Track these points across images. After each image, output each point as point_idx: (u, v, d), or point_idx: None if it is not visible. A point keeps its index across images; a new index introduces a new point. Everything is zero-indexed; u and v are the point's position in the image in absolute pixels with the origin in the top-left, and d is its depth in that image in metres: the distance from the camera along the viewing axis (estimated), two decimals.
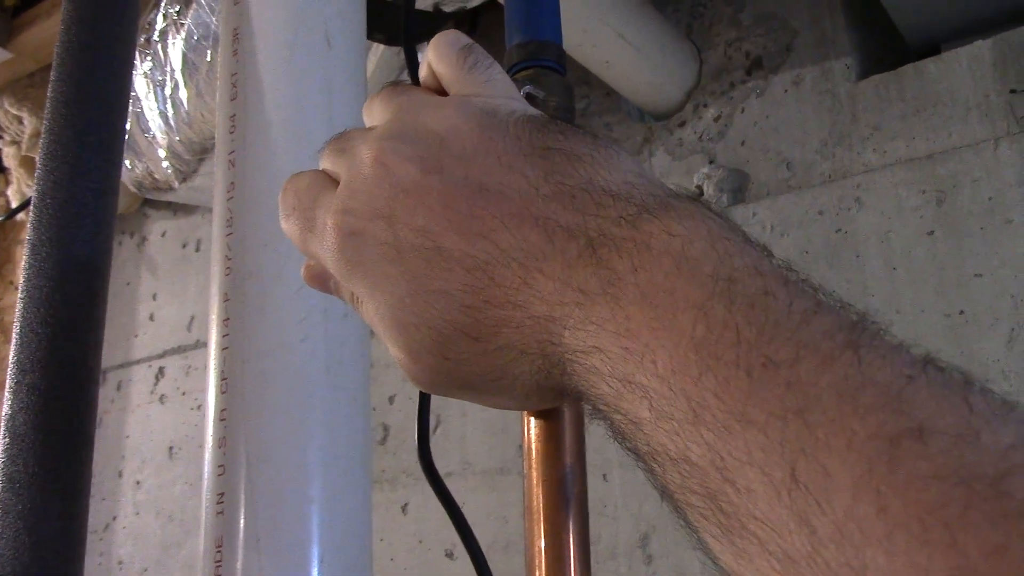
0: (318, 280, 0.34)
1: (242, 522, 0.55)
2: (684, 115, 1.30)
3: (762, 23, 1.27)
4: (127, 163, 1.54)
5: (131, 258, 1.97)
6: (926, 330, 1.03)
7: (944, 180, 1.06)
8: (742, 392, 0.21)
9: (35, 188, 0.63)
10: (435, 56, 0.34)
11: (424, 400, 0.50)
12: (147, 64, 1.41)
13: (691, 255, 0.24)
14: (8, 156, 1.96)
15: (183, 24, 1.33)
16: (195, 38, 1.31)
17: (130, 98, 0.68)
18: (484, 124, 0.29)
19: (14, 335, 0.59)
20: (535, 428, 0.33)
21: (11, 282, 2.13)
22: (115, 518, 1.84)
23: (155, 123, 1.45)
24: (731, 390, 0.21)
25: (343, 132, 0.33)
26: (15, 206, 1.96)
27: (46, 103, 0.65)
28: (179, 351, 1.82)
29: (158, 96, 1.42)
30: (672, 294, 0.23)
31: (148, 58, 1.40)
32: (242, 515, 0.55)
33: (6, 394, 0.58)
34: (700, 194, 1.10)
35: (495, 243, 0.27)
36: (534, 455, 0.33)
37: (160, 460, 1.79)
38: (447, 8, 1.17)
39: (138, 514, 1.80)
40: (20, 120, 1.90)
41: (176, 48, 1.35)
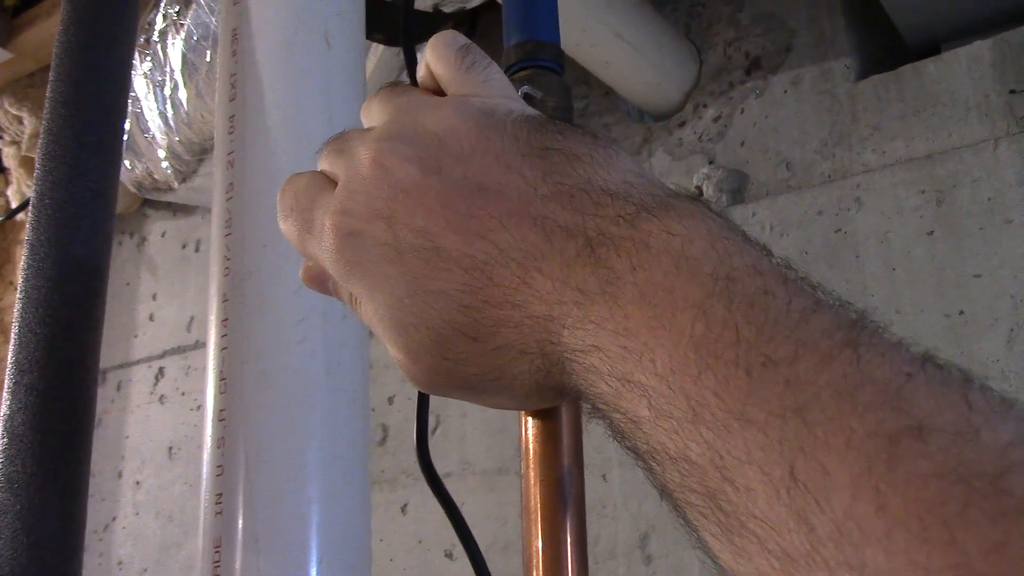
0: (316, 281, 0.34)
1: (240, 523, 0.55)
2: (683, 115, 1.30)
3: (761, 23, 1.27)
4: (127, 163, 1.54)
5: (131, 258, 1.97)
6: (925, 330, 1.03)
7: (943, 180, 1.06)
8: (741, 391, 0.21)
9: (34, 188, 0.63)
10: (433, 56, 0.33)
11: (423, 401, 0.50)
12: (147, 64, 1.41)
13: (690, 254, 0.24)
14: (8, 156, 1.96)
15: (183, 24, 1.33)
16: (195, 38, 1.31)
17: (129, 98, 0.68)
18: (482, 124, 0.29)
19: (12, 335, 0.59)
20: (532, 428, 0.33)
21: (11, 282, 2.13)
22: (115, 518, 1.84)
23: (155, 123, 1.45)
24: (730, 389, 0.21)
25: (341, 133, 0.33)
26: (15, 206, 1.96)
27: (45, 103, 0.65)
28: (179, 351, 1.82)
29: (158, 96, 1.42)
30: (671, 293, 0.23)
31: (148, 58, 1.40)
32: (240, 516, 0.55)
33: (4, 394, 0.58)
34: (700, 194, 1.10)
35: (494, 243, 0.27)
36: (532, 455, 0.33)
37: (160, 460, 1.79)
38: (446, 8, 1.16)
39: (138, 514, 1.80)
40: (20, 120, 1.90)
41: (176, 48, 1.35)
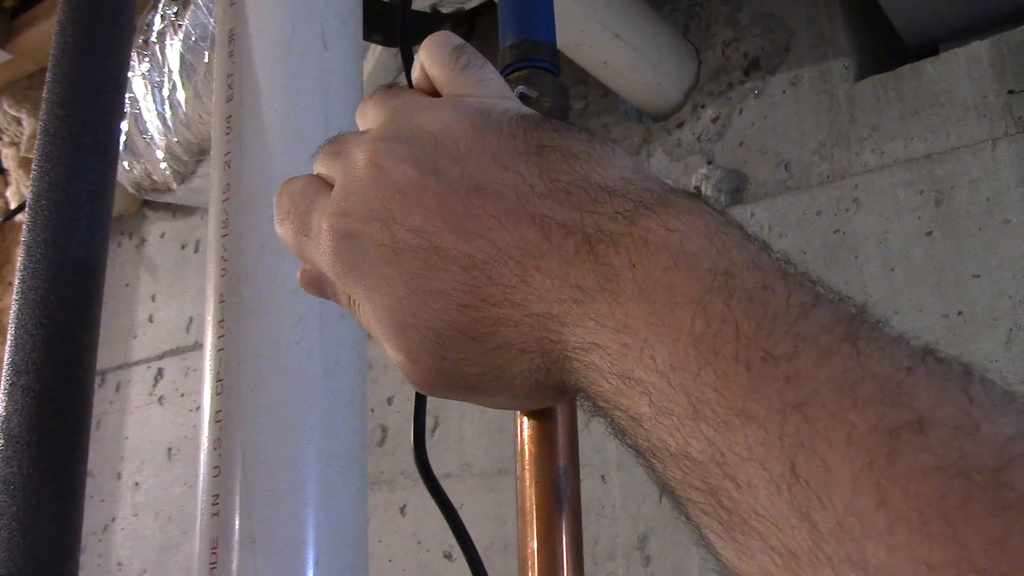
0: (314, 285, 0.34)
1: (237, 523, 0.54)
2: (682, 116, 1.30)
3: (759, 23, 1.26)
4: (125, 164, 1.54)
5: (130, 259, 1.97)
6: (924, 331, 1.03)
7: (942, 181, 1.06)
8: (741, 387, 0.21)
9: (30, 189, 0.63)
10: (427, 58, 0.33)
11: (420, 402, 0.50)
12: (145, 65, 1.41)
13: (689, 250, 0.23)
14: (7, 157, 1.96)
15: (181, 25, 1.33)
16: (193, 39, 1.31)
17: (126, 99, 0.68)
18: (478, 124, 0.29)
19: (8, 336, 0.59)
20: (528, 429, 0.33)
21: (10, 283, 2.13)
22: (114, 519, 1.83)
23: (153, 124, 1.45)
24: (730, 385, 0.21)
25: (337, 136, 0.33)
26: (13, 207, 1.95)
27: (41, 104, 0.65)
28: (178, 352, 1.82)
29: (156, 97, 1.41)
30: (670, 289, 0.23)
31: (146, 59, 1.40)
32: (237, 516, 0.55)
33: (1, 395, 0.57)
34: (698, 194, 1.10)
35: (492, 242, 0.27)
36: (527, 456, 0.32)
37: (159, 461, 1.79)
38: (445, 9, 1.16)
39: (137, 515, 1.80)
40: (19, 121, 1.90)
41: (174, 49, 1.35)
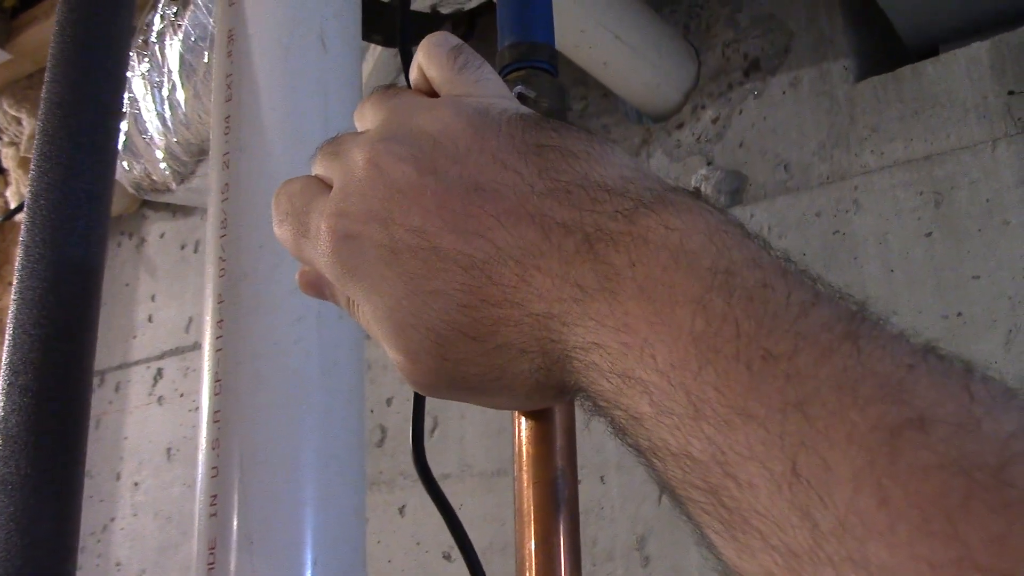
0: (313, 287, 0.33)
1: (235, 524, 0.54)
2: (682, 117, 1.30)
3: (759, 24, 1.26)
4: (125, 164, 1.54)
5: (130, 259, 1.97)
6: (923, 331, 1.01)
7: (942, 182, 1.06)
8: (742, 386, 0.21)
9: (29, 189, 0.63)
10: (425, 58, 0.33)
11: (418, 403, 0.50)
12: (144, 65, 1.40)
13: (689, 248, 0.23)
14: (7, 157, 1.95)
15: (180, 25, 1.33)
16: (192, 39, 1.31)
17: (125, 99, 0.68)
18: (476, 123, 0.29)
19: (7, 336, 0.59)
20: (526, 430, 0.33)
21: (9, 283, 2.13)
22: (113, 519, 1.83)
23: (152, 124, 1.44)
24: (731, 384, 0.21)
25: (335, 136, 0.33)
26: (13, 207, 1.95)
27: (40, 104, 0.65)
28: (177, 352, 1.82)
29: (155, 97, 1.41)
30: (670, 288, 0.23)
31: (146, 59, 1.40)
32: (235, 517, 0.55)
33: None
34: (698, 193, 1.10)
35: (491, 241, 0.27)
36: (525, 457, 0.32)
37: (158, 461, 1.78)
38: (444, 10, 1.16)
39: (136, 515, 1.80)
40: (19, 121, 1.90)
41: (174, 49, 1.35)
